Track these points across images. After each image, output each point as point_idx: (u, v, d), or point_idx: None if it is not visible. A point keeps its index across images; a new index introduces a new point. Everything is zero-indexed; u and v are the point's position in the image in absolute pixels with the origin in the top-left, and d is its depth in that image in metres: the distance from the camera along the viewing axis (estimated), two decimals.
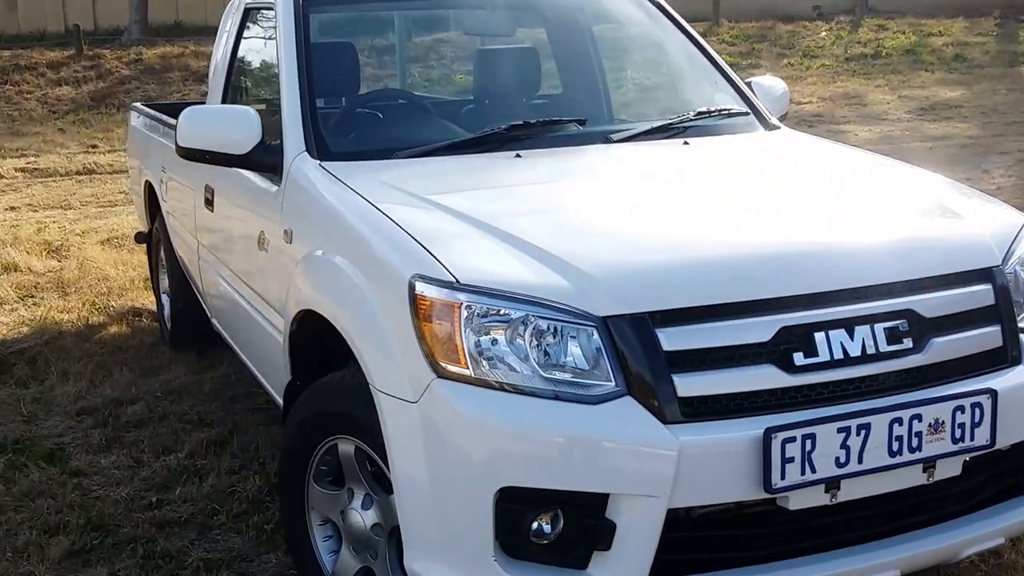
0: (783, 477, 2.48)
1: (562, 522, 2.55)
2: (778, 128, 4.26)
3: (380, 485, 3.05)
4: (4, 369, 5.82)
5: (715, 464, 2.48)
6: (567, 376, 2.55)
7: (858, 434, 2.54)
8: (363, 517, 3.08)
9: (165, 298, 6.33)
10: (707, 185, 3.54)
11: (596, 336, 2.54)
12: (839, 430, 2.53)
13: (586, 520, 2.52)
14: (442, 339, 2.61)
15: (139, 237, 7.18)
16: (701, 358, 2.55)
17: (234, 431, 4.86)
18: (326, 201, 3.39)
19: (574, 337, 2.56)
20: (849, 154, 4.03)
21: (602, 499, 2.50)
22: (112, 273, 7.66)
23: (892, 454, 2.59)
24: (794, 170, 3.79)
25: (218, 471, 4.44)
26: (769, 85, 4.53)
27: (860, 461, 2.55)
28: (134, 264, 7.89)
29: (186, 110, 3.82)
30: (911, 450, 2.61)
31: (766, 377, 2.57)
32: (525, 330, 2.57)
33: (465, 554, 2.59)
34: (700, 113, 4.08)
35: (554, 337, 2.57)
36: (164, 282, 6.29)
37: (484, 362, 2.57)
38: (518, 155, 3.61)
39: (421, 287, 2.68)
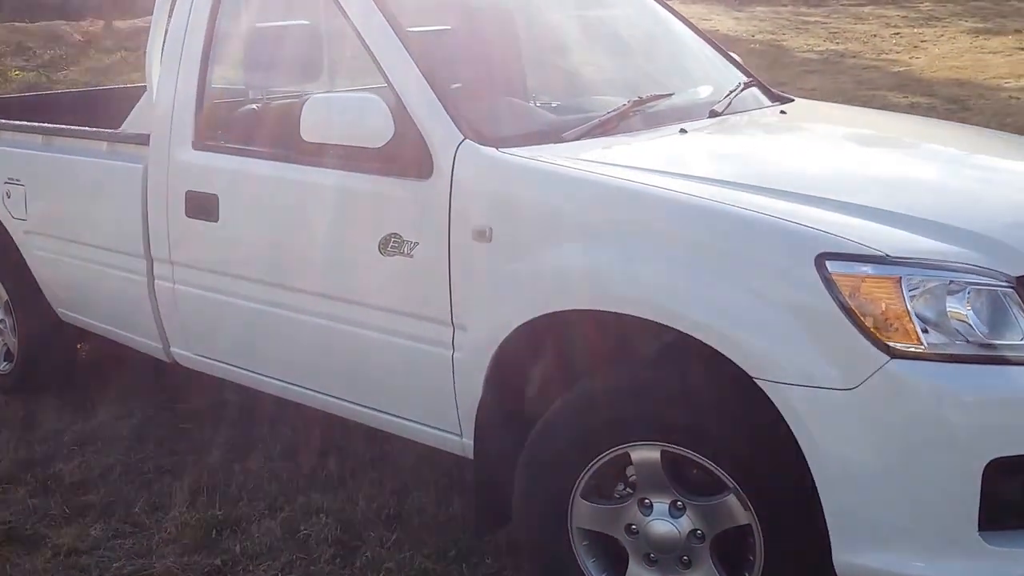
0: None
1: None
2: (792, 99, 4.37)
3: (687, 489, 2.83)
4: None
5: None
6: (1007, 340, 2.51)
7: None
8: (676, 526, 2.84)
9: None
10: (902, 146, 3.72)
11: (1018, 296, 2.54)
12: None
13: None
14: (884, 318, 2.48)
15: None
16: None
17: (218, 472, 4.21)
18: (570, 189, 3.03)
19: (1005, 300, 2.54)
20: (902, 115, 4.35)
21: None
22: None
23: None
24: (917, 130, 4.17)
25: (250, 518, 3.84)
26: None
27: None
28: None
29: (311, 100, 3.30)
30: None
31: None
32: (963, 298, 2.51)
33: (935, 534, 2.49)
34: (747, 84, 4.16)
35: (988, 302, 2.53)
36: None
37: (934, 335, 2.48)
38: (683, 130, 3.47)
39: (836, 266, 2.52)
